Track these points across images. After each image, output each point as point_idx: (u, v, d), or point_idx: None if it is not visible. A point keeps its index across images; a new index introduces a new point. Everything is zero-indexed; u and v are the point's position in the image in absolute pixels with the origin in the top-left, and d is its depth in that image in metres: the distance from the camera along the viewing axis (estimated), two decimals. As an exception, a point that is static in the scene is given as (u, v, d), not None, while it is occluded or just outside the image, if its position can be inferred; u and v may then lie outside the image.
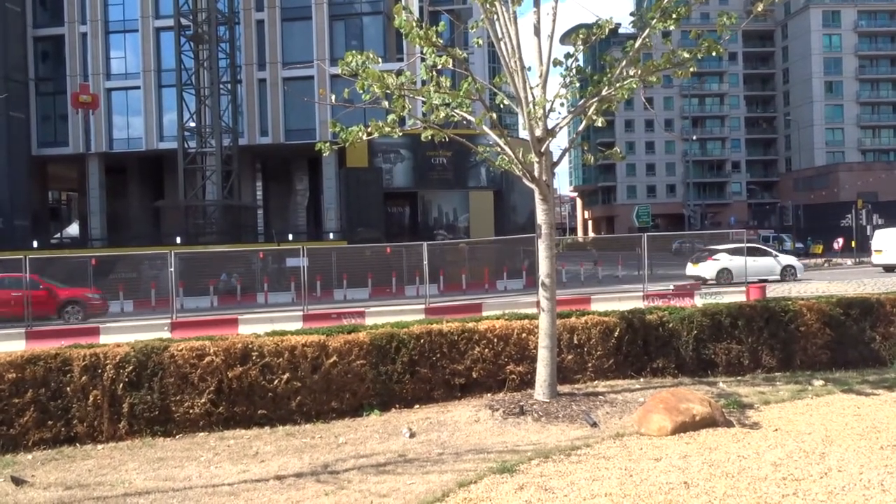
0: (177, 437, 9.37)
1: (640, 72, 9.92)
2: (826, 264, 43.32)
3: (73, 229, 52.13)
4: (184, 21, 36.99)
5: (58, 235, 49.10)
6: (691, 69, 10.25)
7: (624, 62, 10.06)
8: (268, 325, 14.72)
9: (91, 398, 9.25)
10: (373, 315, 17.24)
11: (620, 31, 17.96)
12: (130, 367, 9.37)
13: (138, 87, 40.68)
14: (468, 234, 36.37)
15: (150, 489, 7.27)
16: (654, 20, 9.76)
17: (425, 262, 21.63)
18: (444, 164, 36.23)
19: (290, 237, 37.66)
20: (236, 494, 7.01)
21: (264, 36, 40.06)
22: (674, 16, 9.75)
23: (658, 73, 10.13)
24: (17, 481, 7.62)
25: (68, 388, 9.26)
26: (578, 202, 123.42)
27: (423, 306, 18.93)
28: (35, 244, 34.37)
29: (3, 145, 37.96)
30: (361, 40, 38.70)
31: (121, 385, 9.33)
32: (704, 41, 9.82)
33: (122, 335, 14.59)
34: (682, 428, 8.60)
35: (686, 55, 9.85)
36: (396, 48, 39.44)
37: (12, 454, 8.87)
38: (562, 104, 10.74)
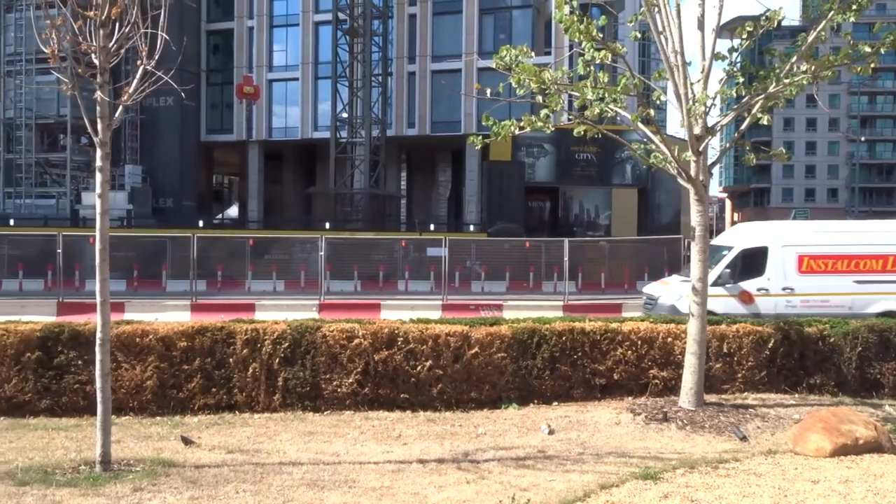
0: (324, 413, 9.83)
1: (813, 67, 9.28)
2: None
3: (233, 211, 55.97)
4: (341, 15, 38.55)
5: (219, 216, 52.87)
6: (871, 65, 9.48)
7: (795, 57, 9.44)
8: (408, 311, 15.15)
9: (250, 370, 9.90)
10: (510, 309, 17.38)
11: (783, 23, 16.83)
12: (286, 344, 9.94)
13: (297, 79, 42.91)
14: (609, 232, 35.57)
15: (303, 460, 7.69)
16: (832, 11, 9.09)
17: (566, 259, 21.45)
18: (588, 159, 35.53)
19: (432, 227, 38.41)
20: (382, 473, 7.27)
21: (416, 30, 41.03)
22: (854, 7, 9.04)
23: (833, 69, 9.42)
24: (186, 441, 8.31)
25: (231, 360, 9.95)
26: (728, 203, 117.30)
27: (560, 303, 18.85)
28: (200, 223, 37.13)
29: (176, 132, 41.57)
30: (510, 34, 38.75)
31: (277, 360, 9.92)
32: (890, 34, 9.04)
33: (274, 313, 15.55)
34: (842, 451, 8.02)
35: (868, 49, 9.10)
36: (545, 42, 39.15)
37: (180, 416, 9.68)
38: (723, 100, 10.26)
